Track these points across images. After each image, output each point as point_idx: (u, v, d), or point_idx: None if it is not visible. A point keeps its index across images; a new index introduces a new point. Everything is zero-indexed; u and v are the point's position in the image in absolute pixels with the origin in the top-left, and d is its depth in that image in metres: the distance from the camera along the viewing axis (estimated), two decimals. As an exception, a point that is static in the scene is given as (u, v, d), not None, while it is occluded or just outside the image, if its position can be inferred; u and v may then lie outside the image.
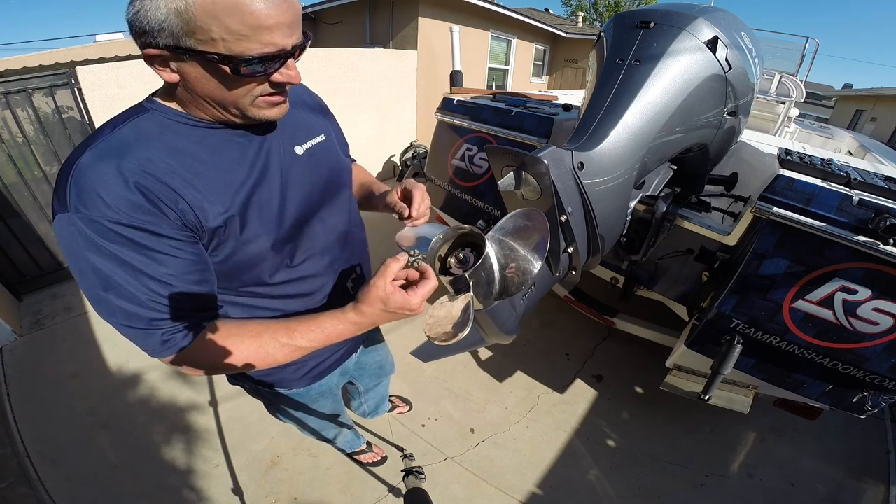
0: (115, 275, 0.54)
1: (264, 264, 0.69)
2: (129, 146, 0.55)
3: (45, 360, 2.22)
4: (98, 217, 0.51)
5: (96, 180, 0.52)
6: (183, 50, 0.51)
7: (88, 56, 5.17)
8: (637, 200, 1.31)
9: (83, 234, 0.52)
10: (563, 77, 9.39)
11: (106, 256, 0.53)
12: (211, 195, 0.60)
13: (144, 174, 0.54)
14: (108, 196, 0.52)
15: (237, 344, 0.61)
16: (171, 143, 0.58)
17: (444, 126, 2.23)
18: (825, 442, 2.00)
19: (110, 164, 0.53)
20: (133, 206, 0.53)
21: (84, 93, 2.62)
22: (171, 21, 0.48)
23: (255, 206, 0.65)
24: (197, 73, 0.54)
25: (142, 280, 0.55)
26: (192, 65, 0.53)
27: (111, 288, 0.54)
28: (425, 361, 2.53)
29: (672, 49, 1.00)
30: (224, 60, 0.51)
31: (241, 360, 0.61)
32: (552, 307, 2.78)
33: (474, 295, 0.61)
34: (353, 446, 1.65)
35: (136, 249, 0.54)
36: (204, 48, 0.50)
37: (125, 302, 0.55)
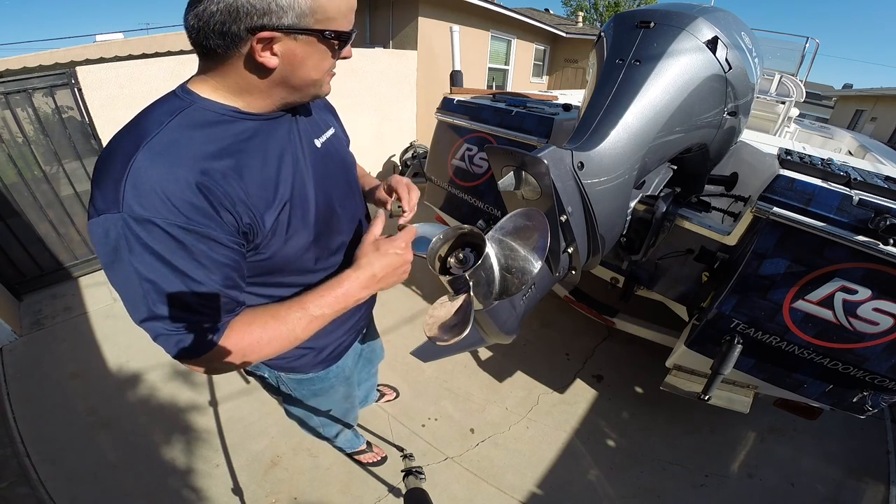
0: (160, 278, 0.53)
1: (307, 254, 0.72)
2: (185, 145, 0.55)
3: (45, 360, 2.22)
4: (156, 219, 0.51)
5: (158, 181, 0.51)
6: (300, 30, 0.54)
7: (88, 56, 5.17)
8: (637, 200, 1.31)
9: (135, 236, 0.51)
10: (563, 77, 9.39)
11: (155, 258, 0.52)
12: (263, 193, 0.61)
13: (205, 176, 0.54)
14: (171, 198, 0.51)
15: (260, 330, 0.61)
16: (222, 141, 0.58)
17: (444, 126, 2.23)
18: (825, 442, 2.00)
19: (171, 165, 0.52)
20: (194, 209, 0.53)
21: (84, 93, 2.62)
22: (299, 2, 0.52)
23: (298, 200, 0.67)
24: (304, 53, 0.57)
25: (187, 284, 0.55)
26: (304, 42, 0.56)
27: (152, 291, 0.54)
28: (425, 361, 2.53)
29: (672, 49, 1.00)
30: (336, 36, 0.57)
31: (268, 344, 0.62)
32: (552, 307, 2.78)
33: (474, 295, 0.61)
34: (353, 446, 1.65)
35: (186, 253, 0.54)
36: (319, 26, 0.55)
37: (164, 306, 0.54)
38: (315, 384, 1.02)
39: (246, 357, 0.61)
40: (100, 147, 2.78)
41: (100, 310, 2.63)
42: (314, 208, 0.70)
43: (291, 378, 0.98)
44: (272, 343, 0.62)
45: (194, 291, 0.55)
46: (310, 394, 1.07)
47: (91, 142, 2.76)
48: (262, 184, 0.61)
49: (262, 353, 0.62)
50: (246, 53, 0.55)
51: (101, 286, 2.87)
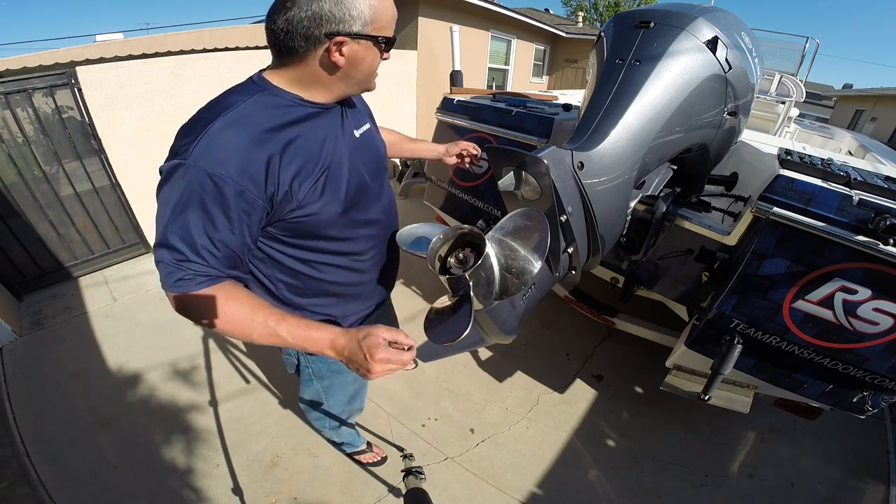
0: (190, 216, 0.63)
1: (336, 223, 0.81)
2: (253, 119, 0.67)
3: (45, 360, 2.22)
4: (211, 171, 0.62)
5: (223, 143, 0.63)
6: (363, 35, 0.69)
7: (88, 56, 5.16)
8: (637, 200, 1.31)
9: (189, 179, 0.62)
10: (563, 77, 9.39)
11: (194, 200, 0.63)
12: (307, 165, 0.72)
13: (262, 145, 0.66)
14: (228, 157, 0.63)
15: (232, 307, 0.68)
16: (283, 119, 0.70)
17: (444, 126, 2.23)
18: (825, 442, 2.00)
19: (238, 133, 0.65)
20: (247, 174, 0.64)
21: (84, 93, 2.62)
22: (365, 12, 0.67)
23: (334, 174, 0.78)
24: (364, 53, 0.71)
25: (208, 230, 0.65)
26: (364, 46, 0.70)
27: (178, 223, 0.64)
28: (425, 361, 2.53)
29: (672, 49, 1.00)
30: (384, 41, 0.72)
31: (225, 321, 0.68)
32: (552, 307, 2.78)
33: (474, 295, 0.61)
34: (354, 445, 1.66)
35: (223, 209, 0.64)
36: (376, 33, 0.70)
37: (180, 241, 0.64)
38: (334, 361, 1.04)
39: (209, 319, 0.68)
40: (100, 147, 2.78)
41: (100, 310, 2.63)
42: (346, 184, 0.80)
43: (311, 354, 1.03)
44: (231, 325, 0.68)
45: (211, 241, 0.65)
46: (327, 370, 1.12)
47: (91, 142, 2.76)
48: (307, 157, 0.72)
49: (221, 326, 0.68)
50: (321, 53, 0.69)
51: (100, 286, 2.87)
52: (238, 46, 6.39)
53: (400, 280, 2.96)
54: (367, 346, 0.65)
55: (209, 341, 2.37)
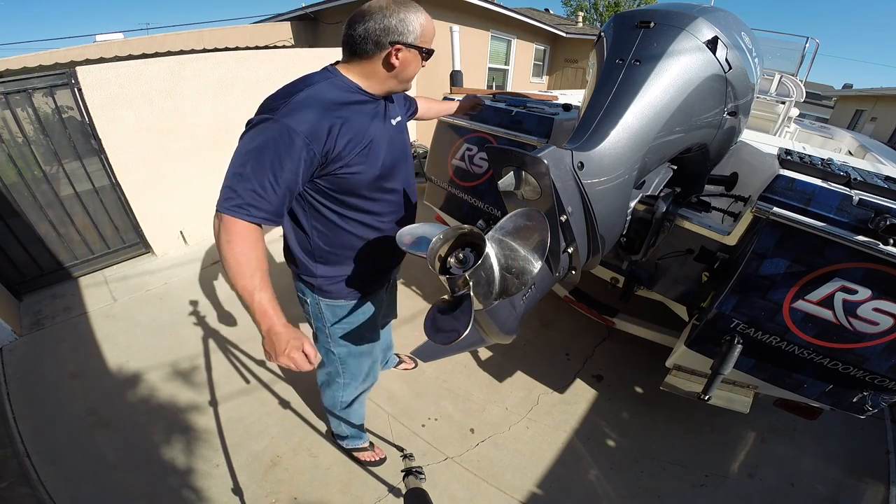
0: (267, 156, 0.83)
1: (370, 185, 1.02)
2: (325, 96, 0.91)
3: (45, 360, 2.22)
4: (291, 126, 0.84)
5: (303, 109, 0.86)
6: (414, 46, 0.95)
7: (88, 56, 5.16)
8: (637, 200, 1.31)
9: (274, 129, 0.84)
10: (563, 77, 9.39)
11: (272, 145, 0.83)
12: (356, 136, 0.94)
13: (328, 116, 0.88)
14: (305, 120, 0.85)
15: (251, 251, 0.85)
16: (345, 100, 0.94)
17: (444, 126, 2.23)
18: (825, 442, 2.00)
19: (314, 104, 0.88)
20: (312, 132, 0.86)
21: (84, 93, 2.62)
22: (416, 29, 0.93)
23: (374, 147, 0.99)
24: (411, 59, 0.97)
25: (275, 169, 0.84)
26: (413, 54, 0.96)
27: (256, 159, 0.83)
28: (425, 361, 2.53)
29: (672, 49, 1.00)
30: (426, 52, 0.98)
31: (237, 258, 0.84)
32: (552, 307, 2.78)
33: (474, 295, 0.61)
34: (358, 440, 1.69)
35: (290, 154, 0.84)
36: (421, 44, 0.96)
37: (251, 171, 0.83)
38: (347, 312, 1.23)
39: (230, 247, 0.84)
40: (100, 147, 2.78)
41: (100, 310, 2.63)
42: (382, 157, 1.02)
43: (327, 304, 1.19)
44: (238, 264, 0.85)
45: (276, 179, 0.85)
46: (342, 329, 1.25)
47: (91, 142, 2.76)
48: (357, 130, 0.94)
49: (230, 259, 0.84)
50: (383, 56, 0.94)
51: (100, 286, 2.88)
52: (238, 46, 6.39)
53: (400, 280, 2.96)
54: (292, 344, 0.86)
55: (209, 341, 2.37)
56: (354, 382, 1.44)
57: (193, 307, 2.65)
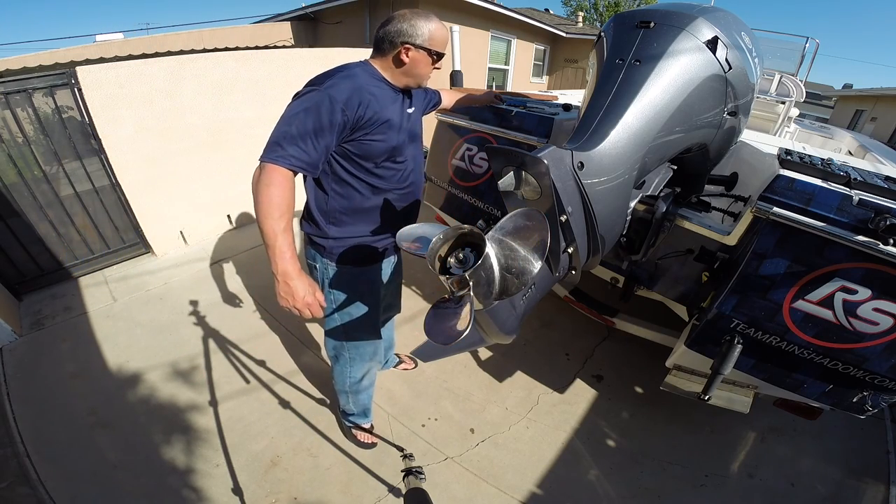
0: (311, 117, 1.01)
1: (385, 154, 1.19)
2: (360, 79, 1.09)
3: (45, 360, 2.22)
4: (333, 96, 1.02)
5: (342, 85, 1.05)
6: (422, 47, 1.12)
7: (88, 56, 5.16)
8: (637, 200, 1.31)
9: (319, 97, 1.02)
10: (563, 77, 9.39)
11: (315, 109, 1.01)
12: (380, 112, 1.12)
13: (360, 92, 1.07)
14: (343, 92, 1.04)
15: (286, 196, 0.99)
16: (372, 85, 1.12)
17: (444, 126, 2.23)
18: (825, 442, 2.00)
19: (350, 82, 1.06)
20: (348, 102, 1.04)
21: (84, 93, 2.62)
22: (425, 35, 1.11)
23: (392, 126, 1.16)
24: (421, 59, 1.14)
25: (317, 129, 1.02)
26: (421, 54, 1.13)
27: (301, 118, 1.01)
28: (425, 361, 2.53)
29: (672, 49, 1.00)
30: (434, 54, 1.15)
31: (270, 201, 0.97)
32: (552, 307, 2.78)
33: (474, 295, 0.61)
34: (364, 418, 1.79)
35: (330, 117, 1.02)
36: (429, 47, 1.13)
37: (296, 128, 1.00)
38: (352, 278, 1.34)
39: (268, 191, 0.97)
40: (100, 147, 2.78)
41: (100, 310, 2.63)
42: (396, 135, 1.19)
43: (335, 269, 1.30)
44: (270, 206, 0.98)
45: (316, 136, 1.02)
46: (347, 296, 1.36)
47: (91, 142, 2.76)
48: (380, 107, 1.12)
49: (264, 201, 0.98)
50: (396, 53, 1.12)
51: (100, 286, 2.88)
52: (238, 46, 6.39)
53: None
54: (308, 290, 1.05)
55: (209, 341, 2.37)
56: (360, 359, 1.53)
57: (193, 307, 2.65)
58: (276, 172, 0.98)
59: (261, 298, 2.78)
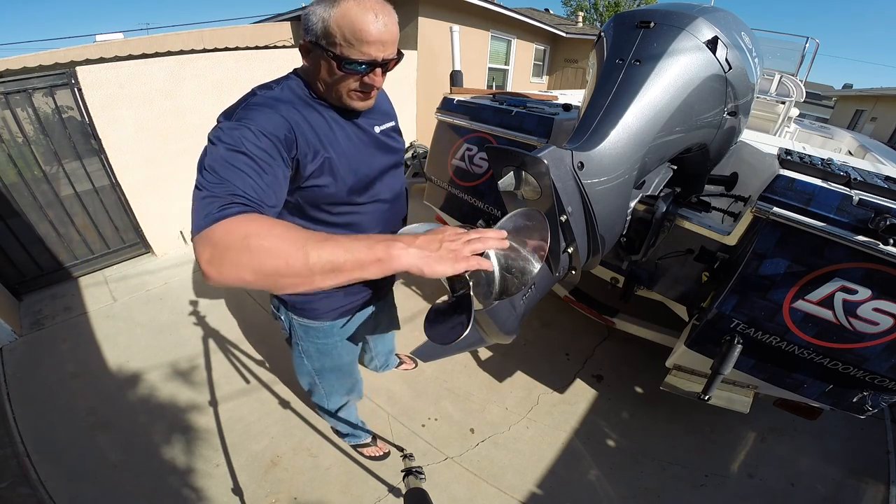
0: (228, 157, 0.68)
1: (338, 201, 0.91)
2: (281, 98, 0.81)
3: (45, 360, 2.22)
4: (250, 125, 0.72)
5: (258, 109, 0.76)
6: (317, 45, 0.77)
7: (88, 56, 5.16)
8: (637, 200, 1.31)
9: (231, 127, 0.71)
10: (563, 77, 9.39)
11: (236, 145, 0.69)
12: (319, 140, 0.83)
13: (287, 115, 0.78)
14: (262, 117, 0.75)
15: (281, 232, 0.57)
16: (300, 106, 0.82)
17: (444, 126, 2.23)
18: (825, 442, 2.00)
19: (269, 105, 0.77)
20: (274, 127, 0.75)
21: (84, 93, 2.62)
22: (318, 26, 0.75)
23: (341, 160, 0.87)
24: (319, 63, 0.80)
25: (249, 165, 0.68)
26: (318, 56, 0.79)
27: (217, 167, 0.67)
28: (425, 361, 2.53)
29: (672, 49, 1.00)
30: (334, 57, 0.76)
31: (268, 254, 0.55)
32: (552, 307, 2.78)
33: (474, 295, 0.61)
34: (358, 437, 1.69)
35: (259, 147, 0.71)
36: (329, 48, 0.76)
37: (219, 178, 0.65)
38: (320, 337, 1.15)
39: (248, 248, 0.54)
40: (100, 147, 2.78)
41: (100, 310, 2.63)
42: (352, 172, 0.90)
43: (301, 323, 1.12)
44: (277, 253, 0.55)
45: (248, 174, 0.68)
46: (315, 350, 1.18)
47: (91, 142, 2.76)
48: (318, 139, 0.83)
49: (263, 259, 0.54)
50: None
51: (100, 286, 2.87)
52: (238, 46, 6.39)
53: (400, 280, 2.96)
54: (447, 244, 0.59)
55: (209, 341, 2.37)
56: (337, 394, 1.41)
57: (193, 307, 2.65)
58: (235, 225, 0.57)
59: (261, 298, 2.77)
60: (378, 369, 1.83)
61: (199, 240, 0.57)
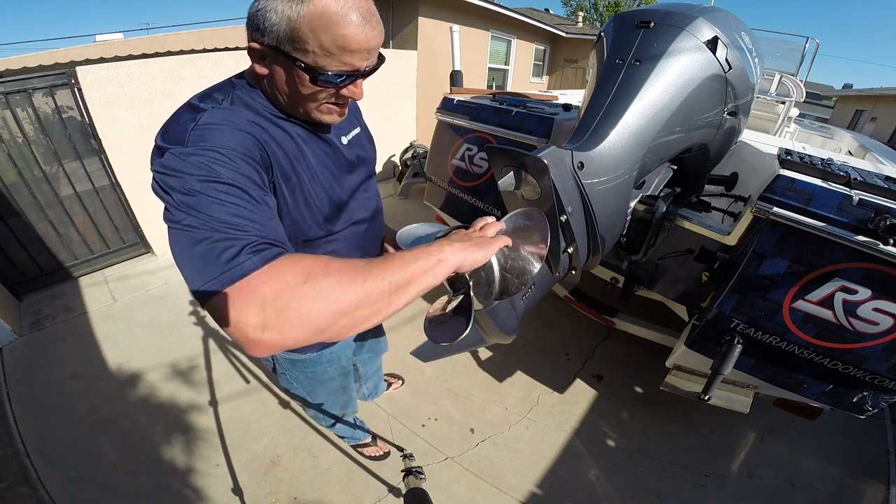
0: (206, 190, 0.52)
1: (311, 235, 0.78)
2: (238, 115, 0.63)
3: (45, 360, 2.22)
4: (218, 147, 0.56)
5: (217, 129, 0.59)
6: (280, 52, 0.59)
7: (88, 56, 5.16)
8: (637, 200, 1.31)
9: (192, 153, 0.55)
10: (563, 77, 9.39)
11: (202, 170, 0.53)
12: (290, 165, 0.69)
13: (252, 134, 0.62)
14: (228, 138, 0.58)
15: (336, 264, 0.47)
16: (261, 121, 0.66)
17: (444, 126, 2.23)
18: (825, 442, 2.00)
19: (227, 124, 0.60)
20: (246, 146, 0.60)
21: (84, 93, 2.62)
22: (280, 27, 0.57)
23: (314, 189, 0.74)
24: (280, 73, 0.63)
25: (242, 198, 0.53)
26: (280, 65, 0.62)
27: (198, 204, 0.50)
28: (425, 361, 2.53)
29: (672, 49, 1.00)
30: (306, 69, 0.60)
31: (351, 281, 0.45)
32: (552, 307, 2.78)
33: (474, 295, 0.61)
34: (358, 438, 1.67)
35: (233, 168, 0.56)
36: (296, 55, 0.59)
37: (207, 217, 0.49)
38: (308, 367, 1.07)
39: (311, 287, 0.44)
40: (100, 147, 2.78)
41: (100, 310, 2.63)
42: (325, 193, 0.76)
43: (286, 357, 1.03)
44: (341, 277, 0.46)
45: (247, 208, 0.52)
46: (304, 377, 1.11)
47: (91, 142, 2.76)
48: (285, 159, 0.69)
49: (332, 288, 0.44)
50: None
51: (100, 286, 2.87)
52: (238, 46, 6.39)
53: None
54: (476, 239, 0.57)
55: (209, 341, 2.37)
56: (331, 413, 1.38)
57: (193, 307, 2.65)
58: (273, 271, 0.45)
59: (261, 298, 2.77)
60: (367, 397, 1.71)
61: (234, 301, 0.43)
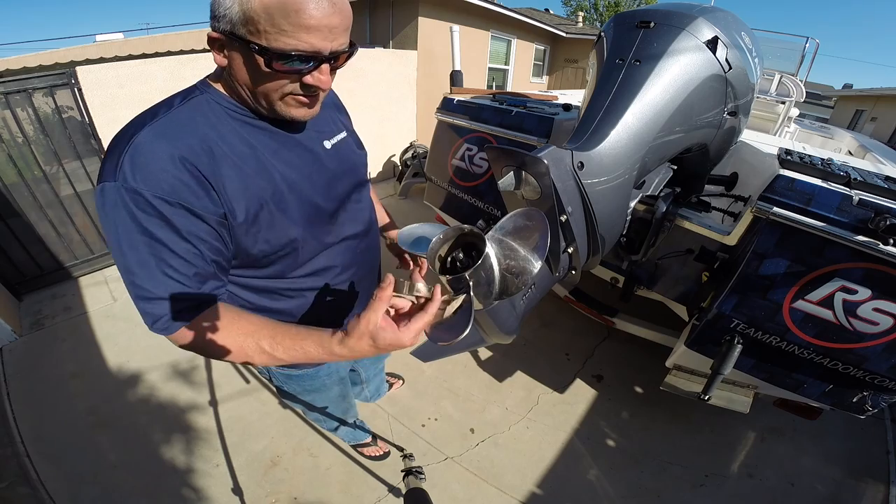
0: (142, 247, 0.55)
1: (295, 250, 0.71)
2: (185, 127, 0.59)
3: (45, 360, 2.22)
4: (143, 190, 0.53)
5: (149, 156, 0.55)
6: (234, 37, 0.55)
7: (88, 56, 5.16)
8: (637, 200, 1.31)
9: (125, 204, 0.54)
10: (563, 77, 9.39)
11: (138, 227, 0.55)
12: (249, 184, 0.62)
13: (195, 154, 0.57)
14: (157, 171, 0.54)
15: (224, 336, 0.62)
16: (220, 129, 0.62)
17: (444, 126, 2.23)
18: (825, 442, 2.00)
19: (165, 143, 0.56)
20: (179, 184, 0.55)
21: (84, 93, 2.62)
22: (233, 10, 0.53)
23: (290, 197, 0.67)
24: (239, 61, 0.58)
25: (165, 256, 0.56)
26: (237, 52, 0.57)
27: (135, 259, 0.56)
28: (425, 361, 2.53)
29: (672, 49, 1.00)
30: (261, 52, 0.54)
31: (222, 351, 0.63)
32: (552, 307, 2.78)
33: (474, 295, 0.61)
34: (358, 438, 1.66)
35: (168, 226, 0.56)
36: (249, 38, 0.54)
37: (144, 275, 0.57)
38: (305, 381, 1.05)
39: (205, 353, 0.63)
40: (100, 147, 2.78)
41: (100, 310, 2.63)
42: (308, 205, 0.71)
43: (282, 372, 1.00)
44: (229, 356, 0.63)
45: (170, 264, 0.57)
46: (302, 390, 1.09)
47: (91, 142, 2.76)
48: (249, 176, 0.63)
49: (222, 357, 0.63)
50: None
51: (100, 286, 2.87)
52: (238, 46, 6.38)
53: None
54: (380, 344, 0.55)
55: (209, 341, 2.37)
56: (330, 420, 1.36)
57: (193, 307, 2.65)
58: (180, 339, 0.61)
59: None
60: (369, 399, 1.67)
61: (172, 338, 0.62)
